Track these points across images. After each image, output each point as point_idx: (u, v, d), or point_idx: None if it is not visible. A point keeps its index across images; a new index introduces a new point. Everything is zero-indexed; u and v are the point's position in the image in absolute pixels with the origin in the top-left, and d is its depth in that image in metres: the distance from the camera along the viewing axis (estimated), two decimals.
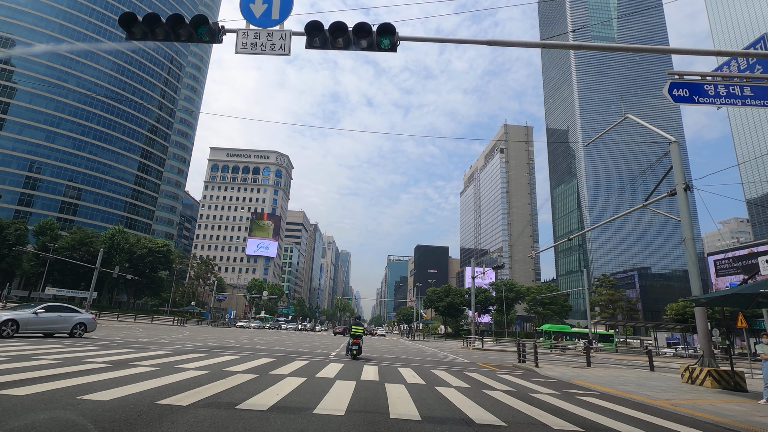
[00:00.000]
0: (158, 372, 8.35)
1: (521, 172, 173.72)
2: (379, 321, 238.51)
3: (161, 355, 12.06)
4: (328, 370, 11.18)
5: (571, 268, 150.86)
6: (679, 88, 7.85)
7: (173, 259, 75.89)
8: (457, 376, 11.63)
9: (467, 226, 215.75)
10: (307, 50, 7.72)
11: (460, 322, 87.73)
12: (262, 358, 13.08)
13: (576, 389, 10.52)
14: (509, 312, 73.91)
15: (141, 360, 10.33)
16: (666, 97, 7.88)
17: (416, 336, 57.21)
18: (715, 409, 8.28)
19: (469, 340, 34.40)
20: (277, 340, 27.09)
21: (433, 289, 79.32)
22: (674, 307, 68.01)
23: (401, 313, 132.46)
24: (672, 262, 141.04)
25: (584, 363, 19.96)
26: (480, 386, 9.77)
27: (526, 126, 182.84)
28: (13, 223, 61.07)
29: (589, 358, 17.44)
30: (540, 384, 11.09)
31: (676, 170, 14.12)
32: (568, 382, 12.01)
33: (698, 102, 7.80)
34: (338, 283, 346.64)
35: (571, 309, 76.34)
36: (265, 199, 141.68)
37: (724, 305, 13.95)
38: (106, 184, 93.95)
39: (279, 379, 8.68)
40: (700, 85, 7.87)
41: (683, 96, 7.84)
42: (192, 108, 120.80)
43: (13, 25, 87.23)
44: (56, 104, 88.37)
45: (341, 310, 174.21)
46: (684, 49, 7.62)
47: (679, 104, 7.81)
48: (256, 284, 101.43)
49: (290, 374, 9.59)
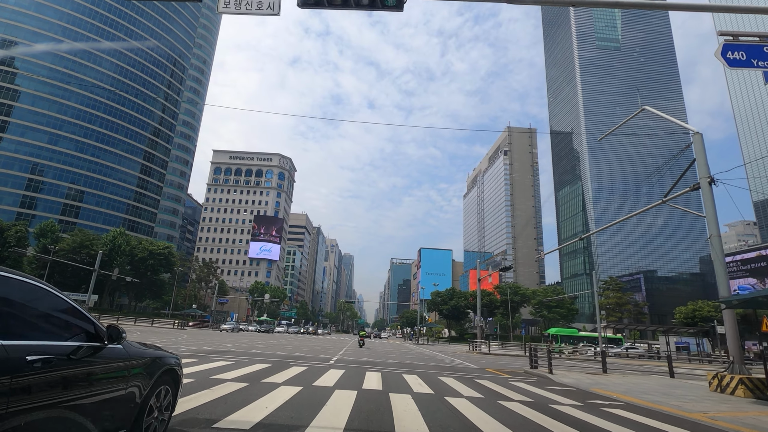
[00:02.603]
0: None
1: (525, 175, 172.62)
2: (382, 324, 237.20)
3: None
4: (328, 377, 10.32)
5: (576, 271, 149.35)
6: (735, 51, 6.95)
7: (175, 261, 75.26)
8: (467, 384, 10.74)
9: (471, 229, 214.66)
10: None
11: (464, 325, 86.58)
12: (257, 364, 12.23)
13: (598, 399, 9.60)
14: (514, 315, 72.77)
15: None
16: (719, 61, 6.98)
17: (420, 339, 56.19)
18: (762, 424, 7.35)
19: (475, 344, 33.42)
20: (276, 344, 26.24)
21: (437, 292, 78.30)
22: (683, 311, 66.72)
23: (404, 316, 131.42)
24: (678, 266, 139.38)
25: (598, 369, 19.00)
26: (494, 396, 8.88)
27: (530, 129, 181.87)
28: (14, 225, 60.67)
29: (605, 363, 16.47)
30: (558, 393, 10.19)
31: (700, 163, 13.22)
32: (587, 390, 11.10)
33: (757, 66, 6.90)
34: (341, 286, 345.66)
35: (578, 312, 75.05)
36: (267, 202, 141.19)
37: (758, 307, 12.98)
38: (109, 186, 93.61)
39: (271, 388, 7.83)
40: (760, 47, 6.96)
41: (739, 60, 6.93)
42: (195, 110, 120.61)
43: (16, 27, 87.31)
44: (59, 106, 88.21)
45: (344, 313, 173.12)
46: (740, 7, 6.74)
47: (734, 68, 6.92)
48: (259, 287, 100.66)
49: (285, 382, 8.74)
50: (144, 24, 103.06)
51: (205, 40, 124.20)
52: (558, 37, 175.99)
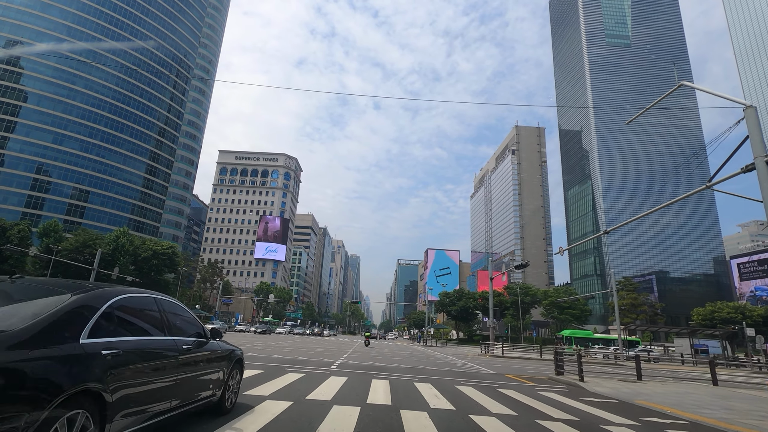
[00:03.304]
0: None
1: (533, 174, 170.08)
2: (389, 326, 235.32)
3: None
4: (326, 387, 8.76)
5: (586, 272, 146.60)
6: None
7: (179, 261, 74.19)
8: (491, 396, 9.12)
9: (478, 229, 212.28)
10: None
11: (472, 326, 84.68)
12: (248, 370, 10.70)
13: (654, 416, 7.93)
14: (524, 317, 70.75)
15: None
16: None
17: (428, 341, 54.48)
18: None
19: (487, 347, 31.68)
20: (277, 346, 24.77)
21: (446, 292, 76.46)
22: (701, 312, 64.40)
23: (411, 317, 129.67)
24: (692, 266, 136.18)
25: (628, 374, 17.25)
26: (529, 413, 7.24)
27: (538, 127, 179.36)
28: (17, 224, 60.00)
29: (639, 369, 14.74)
30: (601, 407, 8.53)
31: (755, 140, 11.48)
32: (632, 403, 9.43)
33: None
34: (348, 287, 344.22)
35: (591, 313, 72.82)
36: (273, 202, 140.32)
37: None
38: (114, 186, 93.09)
39: (254, 403, 6.28)
40: None
41: None
42: (200, 110, 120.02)
43: (22, 27, 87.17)
44: (64, 106, 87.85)
45: (351, 314, 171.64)
46: None
47: None
48: (264, 288, 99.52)
49: (272, 395, 7.18)
50: (149, 23, 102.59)
51: (210, 40, 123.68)
52: (566, 35, 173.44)
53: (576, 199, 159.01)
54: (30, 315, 2.71)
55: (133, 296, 3.78)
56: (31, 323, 2.62)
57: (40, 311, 2.77)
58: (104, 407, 2.83)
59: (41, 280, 3.57)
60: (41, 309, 2.80)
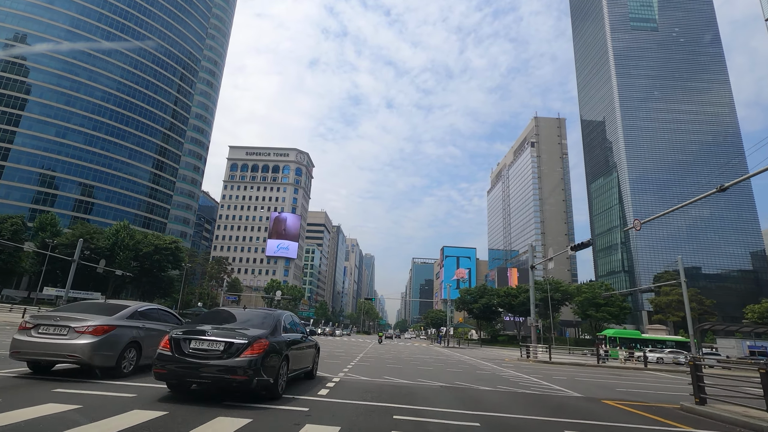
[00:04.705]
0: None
1: (554, 167, 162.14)
2: (404, 326, 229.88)
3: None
4: None
5: (612, 269, 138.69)
6: None
7: (183, 257, 70.42)
8: None
9: (495, 226, 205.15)
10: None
11: (495, 326, 79.03)
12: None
13: None
14: (555, 315, 64.76)
15: None
16: None
17: (450, 342, 49.12)
18: None
19: (528, 349, 26.25)
20: None
21: (467, 288, 70.98)
22: (756, 309, 57.53)
23: (429, 316, 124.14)
24: (727, 262, 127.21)
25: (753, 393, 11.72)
26: None
27: (558, 118, 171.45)
28: (10, 217, 56.79)
29: None
30: None
31: None
32: None
33: None
34: (362, 287, 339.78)
35: (630, 311, 66.26)
36: (285, 198, 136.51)
37: None
38: (121, 181, 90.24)
39: None
40: None
41: None
42: (208, 103, 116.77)
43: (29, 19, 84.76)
44: (68, 98, 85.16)
45: (365, 313, 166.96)
46: None
47: None
48: (275, 285, 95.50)
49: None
50: (157, 15, 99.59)
51: (218, 31, 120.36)
52: (588, 20, 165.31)
53: (600, 192, 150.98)
54: (259, 324, 7.34)
55: (293, 316, 9.27)
56: (269, 329, 7.20)
57: (261, 323, 7.36)
58: (287, 360, 7.35)
59: (255, 311, 8.26)
60: (261, 322, 7.42)
